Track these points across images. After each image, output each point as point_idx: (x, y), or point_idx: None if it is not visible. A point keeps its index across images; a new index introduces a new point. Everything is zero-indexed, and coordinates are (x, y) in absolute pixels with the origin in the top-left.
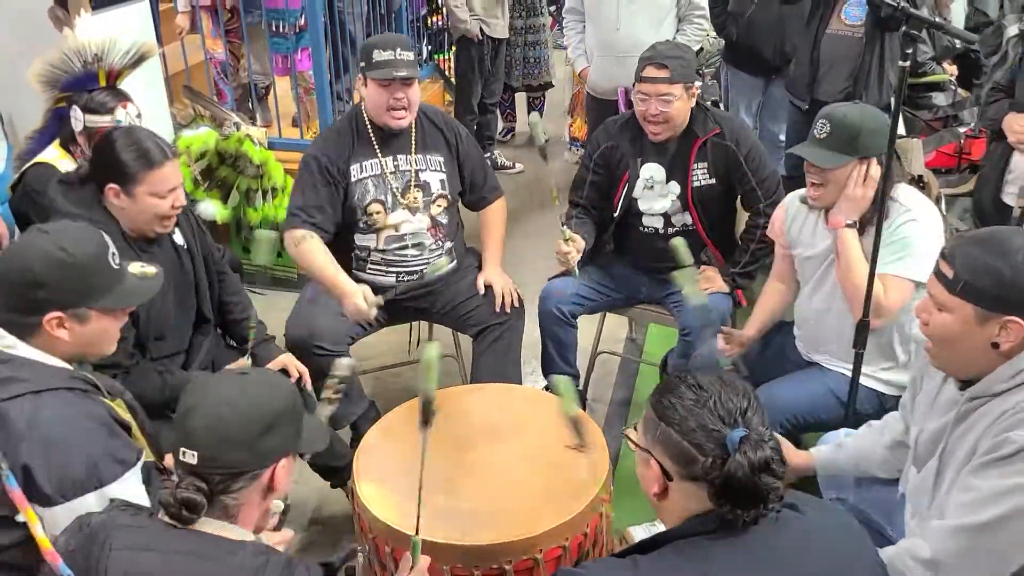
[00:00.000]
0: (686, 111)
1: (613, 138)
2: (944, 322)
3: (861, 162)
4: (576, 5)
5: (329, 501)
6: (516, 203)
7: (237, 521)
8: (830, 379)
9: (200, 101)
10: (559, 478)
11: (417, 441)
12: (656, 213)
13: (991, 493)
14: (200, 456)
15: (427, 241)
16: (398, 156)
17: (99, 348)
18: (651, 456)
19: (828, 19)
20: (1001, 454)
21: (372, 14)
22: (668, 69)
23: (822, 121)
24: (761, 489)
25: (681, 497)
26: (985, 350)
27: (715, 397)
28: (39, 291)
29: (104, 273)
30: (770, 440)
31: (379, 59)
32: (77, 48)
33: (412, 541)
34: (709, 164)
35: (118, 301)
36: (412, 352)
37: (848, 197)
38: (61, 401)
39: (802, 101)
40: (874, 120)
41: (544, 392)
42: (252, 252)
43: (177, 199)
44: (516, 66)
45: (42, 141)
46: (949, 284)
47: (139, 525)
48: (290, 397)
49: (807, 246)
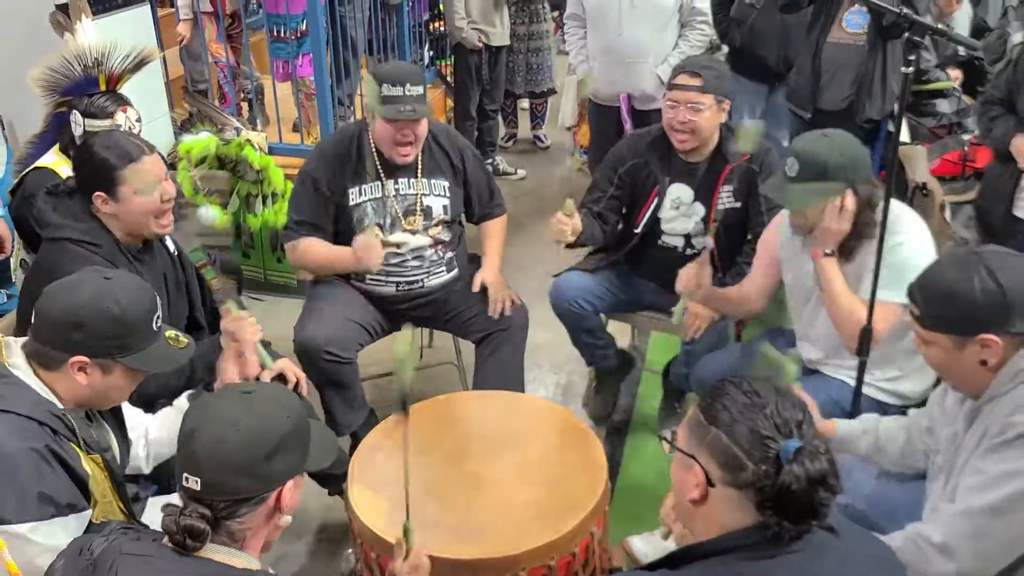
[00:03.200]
0: (714, 125)
1: (641, 155)
2: (932, 355)
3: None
4: (577, 11)
5: (329, 509)
6: (517, 209)
7: (244, 546)
8: (831, 387)
9: (201, 105)
10: (552, 495)
11: (413, 451)
12: (678, 233)
13: (997, 475)
14: (203, 482)
15: (427, 253)
16: (400, 180)
17: (107, 401)
18: (695, 461)
19: (829, 28)
20: (1005, 438)
21: (374, 19)
22: (701, 78)
23: (791, 159)
24: (815, 503)
25: (721, 505)
26: (976, 370)
27: (772, 405)
28: (77, 333)
29: (143, 333)
30: (826, 453)
31: (388, 94)
32: (78, 53)
33: (404, 526)
34: (735, 187)
35: (146, 363)
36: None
37: (823, 230)
38: (17, 427)
39: (804, 111)
40: (841, 152)
41: (547, 403)
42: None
43: (165, 193)
44: (519, 73)
45: (42, 146)
46: (920, 321)
47: (145, 553)
48: (297, 416)
49: (799, 266)
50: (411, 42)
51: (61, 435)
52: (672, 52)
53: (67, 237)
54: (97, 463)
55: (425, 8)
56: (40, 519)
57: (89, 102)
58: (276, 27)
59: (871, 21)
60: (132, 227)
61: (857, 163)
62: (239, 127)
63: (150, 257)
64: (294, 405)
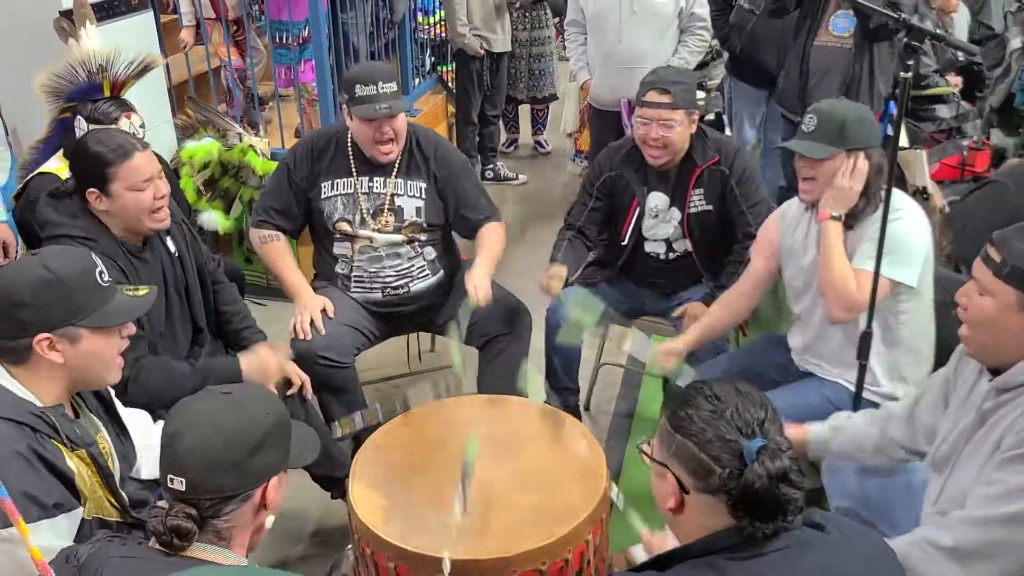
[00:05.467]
0: (686, 137)
1: (616, 167)
2: (985, 306)
3: (849, 155)
4: (578, 17)
5: (330, 513)
6: (518, 214)
7: (230, 544)
8: (827, 389)
9: (204, 112)
10: (549, 500)
11: (416, 452)
12: (659, 239)
13: (1016, 487)
14: (188, 482)
15: (403, 251)
16: (375, 178)
17: (97, 373)
18: (667, 470)
19: (816, 31)
20: (1022, 451)
21: (375, 26)
22: (670, 95)
23: (809, 115)
24: (780, 500)
25: (698, 511)
26: (1021, 338)
27: (732, 407)
28: (21, 311)
29: (90, 291)
30: (788, 450)
31: (361, 94)
32: (82, 59)
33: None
34: (705, 190)
35: (107, 318)
36: (412, 363)
37: (835, 188)
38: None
39: (794, 114)
40: (859, 112)
41: (551, 408)
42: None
43: (158, 190)
44: (521, 78)
45: (46, 151)
46: (996, 268)
47: (131, 555)
48: (277, 413)
49: (800, 255)
50: (412, 48)
51: (42, 434)
52: (672, 58)
53: (65, 234)
54: (83, 459)
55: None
56: (27, 522)
57: (93, 108)
58: (279, 34)
59: (857, 24)
60: (127, 223)
61: (872, 127)
62: (242, 133)
63: (150, 256)
64: (274, 403)
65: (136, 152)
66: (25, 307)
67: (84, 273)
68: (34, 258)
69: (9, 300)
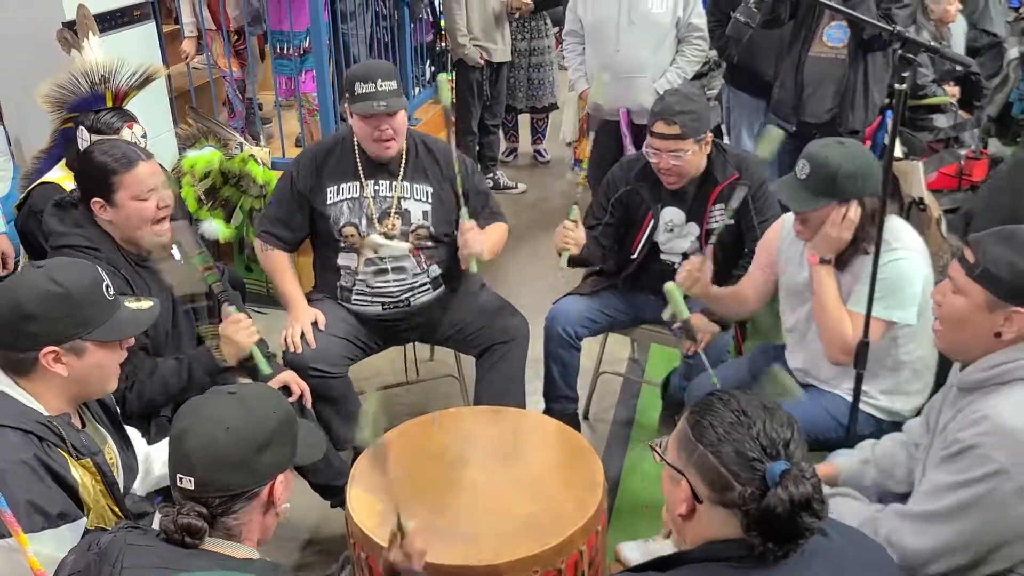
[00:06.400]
0: (700, 161)
1: (631, 183)
2: (957, 304)
3: (840, 204)
4: (576, 27)
5: (329, 521)
6: (518, 223)
7: (241, 540)
8: (827, 400)
9: (205, 121)
10: (544, 509)
11: (414, 460)
12: (676, 252)
13: (941, 486)
14: (196, 481)
15: (408, 264)
16: (380, 181)
17: (99, 384)
18: (683, 477)
19: (810, 42)
20: (949, 452)
21: (376, 36)
22: (678, 125)
23: (803, 161)
24: (799, 527)
25: (708, 521)
26: (987, 338)
27: (759, 425)
28: (30, 324)
29: (97, 304)
30: (812, 477)
31: (361, 92)
32: (84, 69)
33: (397, 516)
34: (727, 204)
35: (112, 332)
36: (411, 372)
37: (822, 235)
38: (5, 440)
39: (788, 124)
40: (854, 163)
41: (549, 418)
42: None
43: (161, 200)
44: (520, 88)
45: (48, 161)
46: (969, 268)
47: (149, 544)
48: (283, 411)
49: (796, 270)
50: (412, 58)
51: (48, 442)
52: (670, 68)
53: (70, 244)
54: (88, 468)
55: (429, 31)
56: (31, 531)
57: (96, 118)
58: (279, 44)
59: (851, 35)
60: (129, 234)
61: (868, 176)
62: (242, 142)
63: (152, 264)
64: (280, 401)
65: (140, 162)
66: (34, 320)
67: (91, 287)
68: (40, 271)
69: (18, 313)
